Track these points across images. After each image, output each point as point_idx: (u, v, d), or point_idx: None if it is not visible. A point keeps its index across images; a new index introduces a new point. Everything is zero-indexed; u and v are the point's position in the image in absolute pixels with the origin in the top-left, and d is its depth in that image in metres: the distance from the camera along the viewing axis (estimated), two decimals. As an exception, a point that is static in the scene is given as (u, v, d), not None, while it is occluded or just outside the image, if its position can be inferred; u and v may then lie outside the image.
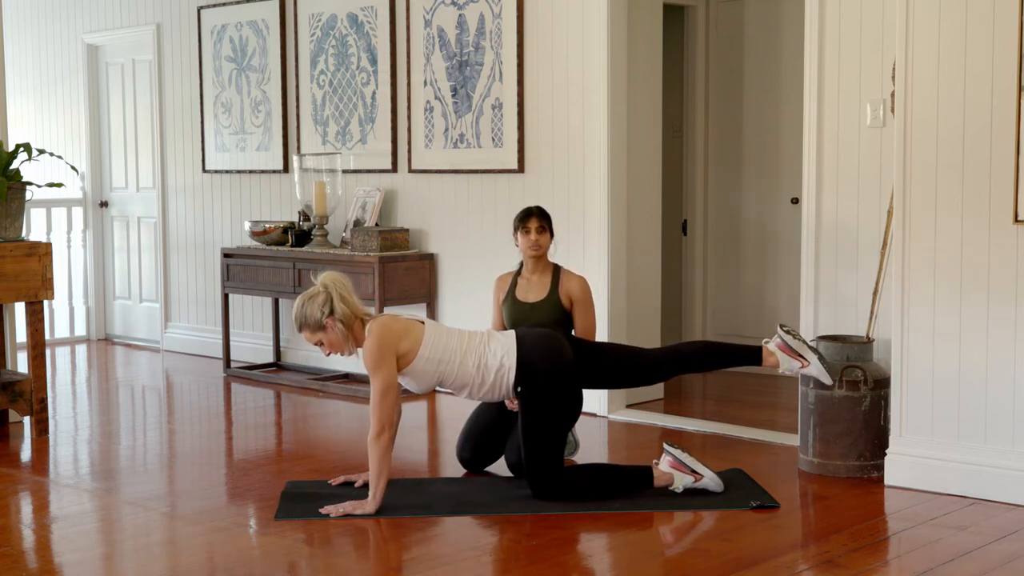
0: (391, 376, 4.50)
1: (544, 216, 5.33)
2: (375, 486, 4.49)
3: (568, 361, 4.65)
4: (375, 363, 4.49)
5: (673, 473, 4.74)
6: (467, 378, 4.64)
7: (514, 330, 4.79)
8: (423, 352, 4.57)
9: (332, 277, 4.60)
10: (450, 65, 6.98)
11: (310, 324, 4.56)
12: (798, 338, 4.87)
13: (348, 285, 4.60)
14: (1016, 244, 4.59)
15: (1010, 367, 4.63)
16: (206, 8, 8.39)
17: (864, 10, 5.37)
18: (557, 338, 4.73)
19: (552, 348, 4.65)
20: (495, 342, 4.67)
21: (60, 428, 6.19)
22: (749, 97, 7.64)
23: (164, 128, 8.84)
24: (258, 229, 7.60)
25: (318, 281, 4.60)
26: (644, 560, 4.10)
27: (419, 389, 4.71)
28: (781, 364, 4.85)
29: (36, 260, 5.95)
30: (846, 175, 5.45)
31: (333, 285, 4.56)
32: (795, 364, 4.85)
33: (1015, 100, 4.52)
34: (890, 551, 4.17)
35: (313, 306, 4.54)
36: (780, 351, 4.86)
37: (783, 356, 4.86)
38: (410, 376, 4.63)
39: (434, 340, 4.60)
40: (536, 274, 5.35)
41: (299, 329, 4.61)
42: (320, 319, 4.53)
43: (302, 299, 4.59)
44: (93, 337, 9.49)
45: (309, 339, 4.61)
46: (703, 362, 4.99)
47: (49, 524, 4.58)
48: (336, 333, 4.54)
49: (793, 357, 4.85)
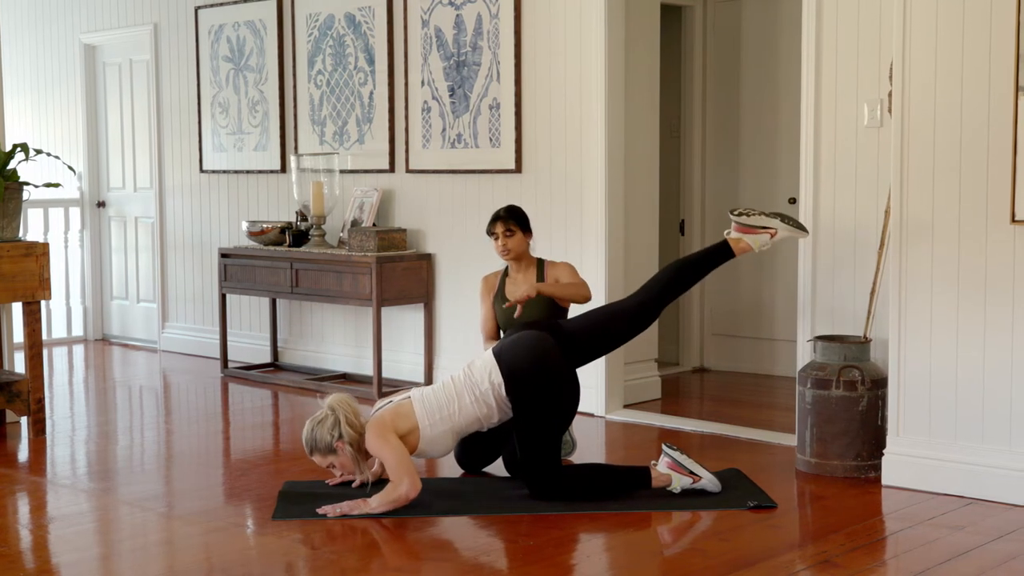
0: (398, 444, 4.53)
1: (512, 217, 5.33)
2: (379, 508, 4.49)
3: (549, 354, 4.65)
4: (380, 445, 4.53)
5: (671, 474, 4.74)
6: (474, 415, 4.69)
7: (490, 349, 4.81)
8: (423, 422, 4.63)
9: (339, 400, 4.64)
10: (447, 65, 6.98)
11: (320, 448, 4.61)
12: (752, 213, 4.90)
13: (355, 407, 4.66)
14: (1013, 244, 4.59)
15: (1007, 367, 4.64)
16: (203, 8, 8.39)
17: (861, 10, 5.37)
18: (533, 335, 4.72)
19: (529, 348, 4.66)
20: (476, 369, 4.72)
21: (57, 428, 6.19)
22: (746, 97, 7.64)
23: (161, 128, 8.83)
24: (255, 229, 7.60)
25: (324, 404, 4.64)
26: (642, 560, 4.10)
27: (443, 453, 4.79)
28: (753, 244, 4.91)
29: (33, 260, 5.94)
30: (843, 175, 5.45)
31: (340, 408, 4.60)
32: (764, 237, 4.91)
33: (1012, 100, 4.52)
34: (887, 551, 4.18)
35: (322, 430, 4.59)
36: (744, 234, 4.91)
37: (749, 237, 4.91)
38: (428, 449, 4.69)
39: (426, 407, 4.66)
40: (521, 272, 5.39)
41: (309, 454, 4.67)
42: (331, 443, 4.58)
43: (311, 424, 4.63)
44: (90, 337, 9.49)
45: (320, 463, 4.67)
46: (681, 282, 4.98)
47: (46, 524, 4.58)
48: (346, 456, 4.60)
49: (758, 232, 4.90)
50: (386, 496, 4.48)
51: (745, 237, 4.90)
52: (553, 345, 4.69)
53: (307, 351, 7.86)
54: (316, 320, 7.87)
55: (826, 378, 5.05)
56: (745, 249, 4.90)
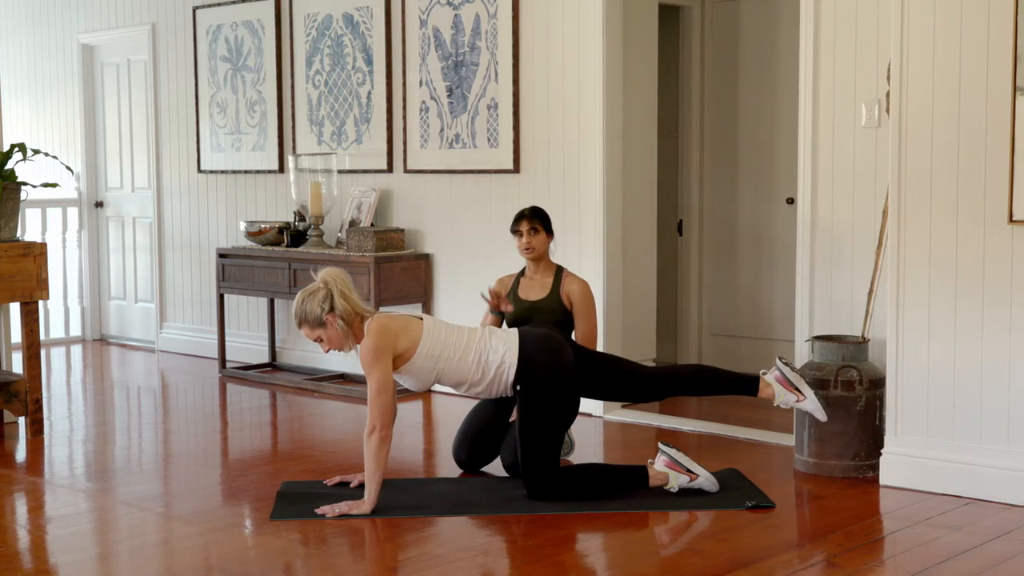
0: (387, 375, 4.50)
1: (537, 217, 5.35)
2: (370, 486, 4.48)
3: (569, 363, 4.66)
4: (371, 362, 4.49)
5: (668, 473, 4.74)
6: (465, 374, 4.65)
7: (516, 329, 4.80)
8: (421, 349, 4.57)
9: (332, 273, 4.59)
10: (446, 65, 6.98)
11: (310, 320, 4.55)
12: (796, 371, 4.87)
13: (348, 281, 4.60)
14: (1011, 244, 4.59)
15: (1005, 367, 4.64)
16: (201, 8, 8.39)
17: (859, 11, 5.37)
18: (559, 340, 4.74)
19: (554, 349, 4.66)
20: (496, 338, 4.67)
21: (55, 428, 6.18)
22: (744, 97, 7.64)
23: (159, 128, 8.83)
24: (253, 229, 7.60)
25: (318, 277, 4.59)
26: (640, 560, 4.10)
27: (417, 387, 4.71)
28: (777, 396, 4.84)
29: (31, 260, 5.94)
30: (841, 175, 5.46)
31: (334, 281, 4.55)
32: (791, 397, 4.83)
33: (1010, 100, 4.53)
34: (885, 551, 4.18)
35: (313, 302, 4.53)
36: (777, 383, 4.85)
37: (780, 388, 4.84)
38: (408, 374, 4.63)
39: (432, 337, 4.61)
40: (538, 274, 5.40)
41: (299, 325, 4.60)
42: (320, 315, 4.52)
43: (302, 295, 4.58)
44: (88, 337, 9.48)
45: (309, 335, 4.60)
46: (699, 386, 5.01)
47: (44, 525, 4.57)
48: (336, 329, 4.54)
49: (790, 390, 4.84)
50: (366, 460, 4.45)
51: (776, 386, 4.85)
52: (572, 358, 4.69)
53: (305, 351, 7.86)
54: (314, 320, 7.85)
55: (824, 378, 5.06)
56: (768, 396, 4.86)
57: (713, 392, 5.02)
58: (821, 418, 4.87)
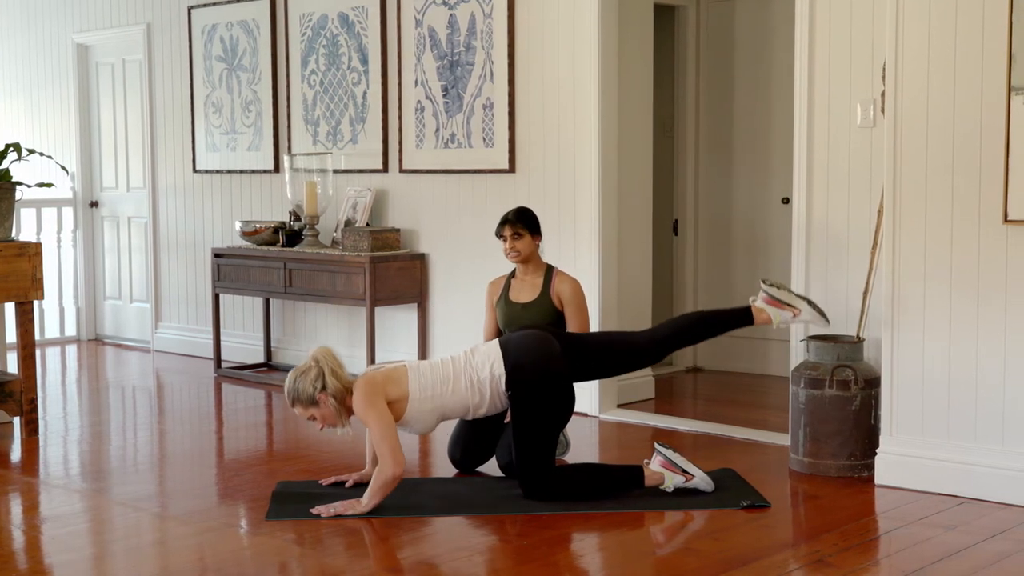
0: (386, 415, 4.51)
1: (520, 220, 5.31)
2: (371, 500, 4.49)
3: (555, 358, 4.65)
4: (366, 410, 4.51)
5: (664, 473, 4.74)
6: (465, 400, 4.67)
7: (496, 339, 4.81)
8: (413, 395, 4.60)
9: (323, 351, 4.62)
10: (441, 65, 6.98)
11: (303, 400, 4.58)
12: (783, 288, 4.86)
13: (339, 359, 4.63)
14: (1006, 243, 4.60)
15: (1000, 366, 4.65)
16: (196, 8, 8.38)
17: (854, 10, 5.38)
18: (541, 336, 4.73)
19: (537, 347, 4.66)
20: (479, 356, 4.69)
21: (50, 428, 6.18)
22: (740, 97, 7.65)
23: (154, 128, 8.82)
24: (249, 229, 7.60)
25: (309, 355, 4.62)
26: (635, 560, 4.11)
27: (424, 431, 4.75)
28: (773, 319, 4.85)
29: (26, 260, 5.93)
30: (836, 175, 5.46)
31: (324, 359, 4.58)
32: (787, 315, 4.85)
33: (1004, 100, 4.53)
34: (880, 550, 4.18)
35: (305, 381, 4.55)
36: (769, 305, 4.85)
37: (773, 310, 4.85)
38: (411, 421, 4.66)
39: (420, 378, 4.63)
40: (528, 275, 5.37)
41: (291, 405, 4.62)
42: (313, 395, 4.55)
43: (294, 375, 4.60)
44: (83, 337, 9.47)
45: (302, 414, 4.63)
46: (696, 334, 4.99)
47: (39, 525, 4.57)
48: (329, 408, 4.56)
49: (783, 308, 4.84)
50: (374, 484, 4.47)
51: (769, 308, 4.85)
52: (559, 350, 4.69)
53: (300, 351, 7.85)
54: (309, 320, 7.87)
55: (819, 378, 5.06)
56: (766, 321, 4.86)
57: (711, 334, 5.00)
58: (824, 323, 4.88)
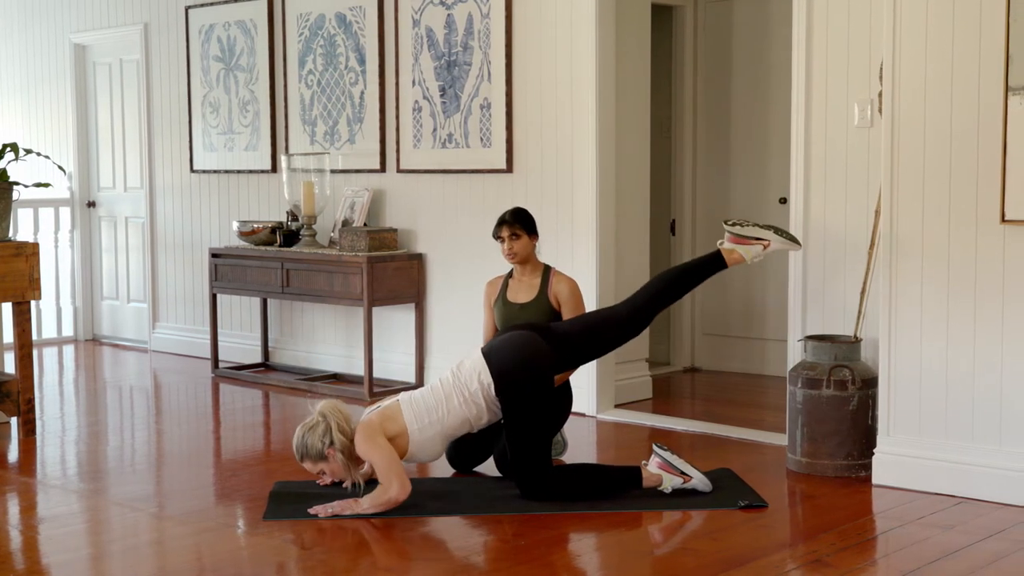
0: (387, 447, 4.52)
1: (518, 221, 5.31)
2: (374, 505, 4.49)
3: (538, 355, 4.65)
4: (369, 446, 4.51)
5: (662, 475, 4.74)
6: (463, 416, 4.68)
7: (479, 348, 4.82)
8: (411, 427, 4.62)
9: (330, 406, 4.64)
10: (438, 65, 6.98)
11: (311, 455, 4.61)
12: (747, 224, 4.89)
13: (346, 412, 4.65)
14: (1003, 243, 4.60)
15: (997, 366, 4.65)
16: (194, 8, 8.38)
17: (852, 10, 5.38)
18: (523, 337, 4.73)
19: (519, 350, 4.66)
20: (465, 370, 4.71)
21: (48, 429, 6.17)
22: (737, 97, 7.65)
23: (152, 128, 8.82)
24: (246, 229, 7.59)
25: (315, 410, 4.64)
26: (633, 560, 4.11)
27: (433, 457, 4.77)
28: (745, 256, 4.90)
29: (23, 260, 5.93)
30: (834, 175, 5.46)
31: (331, 414, 4.60)
32: (757, 248, 4.91)
33: (1001, 100, 4.53)
34: (878, 550, 4.19)
35: (314, 437, 4.58)
36: (737, 244, 4.91)
37: (742, 248, 4.90)
38: (416, 453, 4.68)
39: (415, 408, 4.65)
40: (526, 276, 5.37)
41: (300, 460, 4.66)
42: (322, 450, 4.58)
43: (302, 430, 4.63)
44: (81, 337, 9.47)
45: (310, 469, 4.67)
46: (674, 291, 4.98)
47: (36, 525, 4.56)
48: (337, 463, 4.60)
49: (751, 244, 4.90)
50: (376, 499, 4.48)
51: (738, 248, 4.89)
52: (543, 346, 4.69)
53: (298, 351, 7.86)
54: (307, 320, 7.86)
55: (816, 378, 5.06)
56: (738, 260, 4.89)
57: (687, 288, 5.02)
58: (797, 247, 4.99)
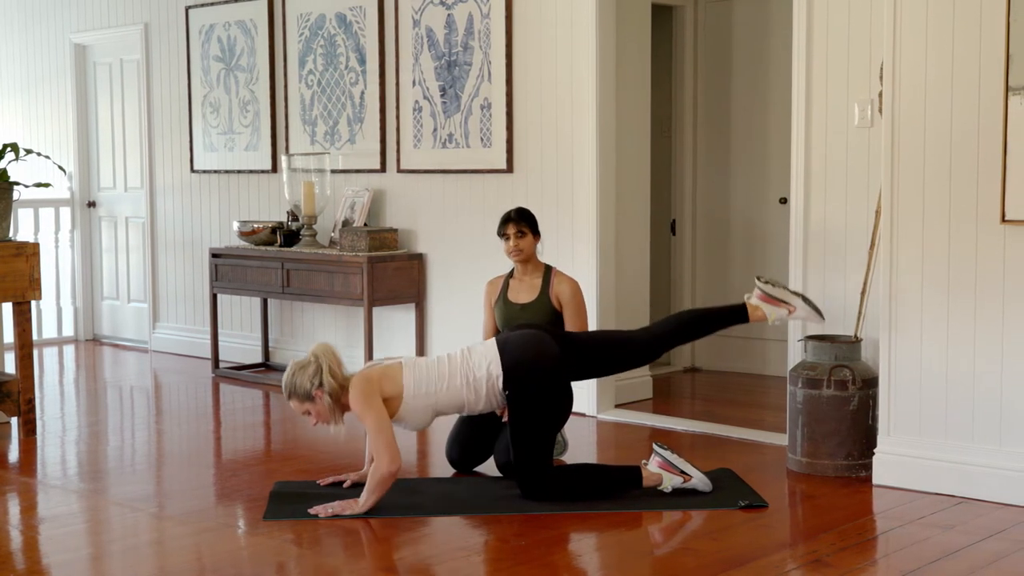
0: (381, 413, 4.52)
1: (523, 219, 5.31)
2: (368, 498, 4.49)
3: (553, 357, 4.65)
4: (362, 407, 4.51)
5: (662, 474, 4.74)
6: (460, 398, 4.66)
7: (493, 338, 4.81)
8: (408, 390, 4.60)
9: (323, 348, 4.63)
10: (439, 65, 6.98)
11: (299, 394, 4.59)
12: (778, 285, 4.86)
13: (338, 357, 4.64)
14: (1003, 243, 4.60)
15: (997, 366, 4.65)
16: (194, 8, 8.38)
17: (852, 10, 5.38)
18: (539, 336, 4.73)
19: (535, 346, 4.66)
20: (476, 355, 4.69)
21: (48, 429, 6.17)
22: (737, 97, 7.65)
23: (152, 128, 8.82)
24: (246, 229, 7.59)
25: (309, 351, 4.63)
26: (633, 560, 4.11)
27: (419, 427, 4.75)
28: (768, 315, 4.84)
29: (23, 260, 5.93)
30: (834, 175, 5.46)
31: (324, 356, 4.59)
32: (782, 311, 4.84)
33: (1002, 100, 4.53)
34: (878, 550, 4.19)
35: (303, 377, 4.57)
36: (764, 302, 4.85)
37: (768, 307, 4.84)
38: (405, 418, 4.65)
39: (415, 375, 4.63)
40: (527, 276, 5.36)
41: (287, 398, 4.64)
42: (309, 390, 4.56)
43: (292, 368, 4.62)
44: (81, 337, 9.47)
45: (296, 408, 4.65)
46: (691, 331, 4.99)
47: (37, 525, 4.57)
48: (323, 405, 4.58)
49: (778, 305, 4.84)
50: (370, 482, 4.48)
51: (764, 306, 4.84)
52: (555, 349, 4.69)
53: (298, 351, 7.83)
54: (307, 320, 7.86)
55: (817, 378, 5.06)
56: (760, 318, 4.86)
57: (706, 332, 5.01)
58: (819, 321, 4.88)
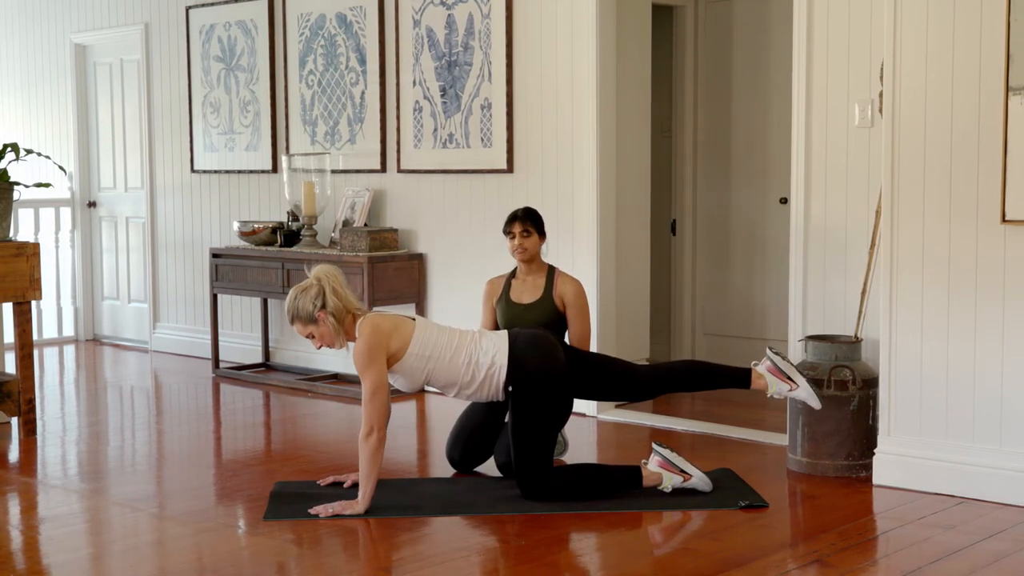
0: (381, 376, 4.49)
1: (530, 218, 5.32)
2: (364, 487, 4.48)
3: (560, 363, 4.65)
4: (365, 363, 4.49)
5: (662, 473, 4.74)
6: (455, 376, 4.64)
7: (507, 330, 4.80)
8: (412, 349, 4.57)
9: (326, 270, 4.61)
10: (439, 65, 6.98)
11: (302, 317, 4.56)
12: (787, 360, 4.88)
13: (341, 278, 4.61)
14: (1003, 243, 4.60)
15: (997, 366, 4.65)
16: (194, 8, 8.38)
17: (852, 10, 5.38)
18: (550, 339, 4.74)
19: (545, 349, 4.66)
20: (487, 340, 4.68)
21: (48, 429, 6.17)
22: (738, 97, 7.65)
23: (152, 128, 8.82)
24: (247, 229, 7.59)
25: (311, 274, 4.61)
26: (633, 560, 4.11)
27: (408, 387, 4.71)
28: (770, 387, 4.84)
29: (24, 260, 5.93)
30: (834, 175, 5.46)
31: (326, 278, 4.57)
32: (784, 387, 4.84)
33: (1002, 100, 4.53)
34: (878, 550, 4.19)
35: (306, 299, 4.54)
36: (769, 373, 4.85)
37: (772, 379, 4.85)
38: (399, 373, 4.63)
39: (423, 337, 4.60)
40: (530, 276, 5.36)
41: (291, 321, 4.62)
42: (312, 312, 4.53)
43: (295, 291, 4.59)
44: (81, 338, 9.47)
45: (300, 331, 4.62)
46: (691, 382, 5.01)
47: (37, 525, 4.57)
48: (327, 327, 4.54)
49: (782, 380, 4.84)
50: (362, 465, 4.46)
51: (769, 376, 4.85)
52: (564, 360, 4.69)
53: (298, 351, 7.85)
54: (308, 320, 7.85)
55: (817, 378, 5.06)
56: (762, 388, 4.86)
57: (706, 387, 5.03)
58: (815, 405, 4.86)
